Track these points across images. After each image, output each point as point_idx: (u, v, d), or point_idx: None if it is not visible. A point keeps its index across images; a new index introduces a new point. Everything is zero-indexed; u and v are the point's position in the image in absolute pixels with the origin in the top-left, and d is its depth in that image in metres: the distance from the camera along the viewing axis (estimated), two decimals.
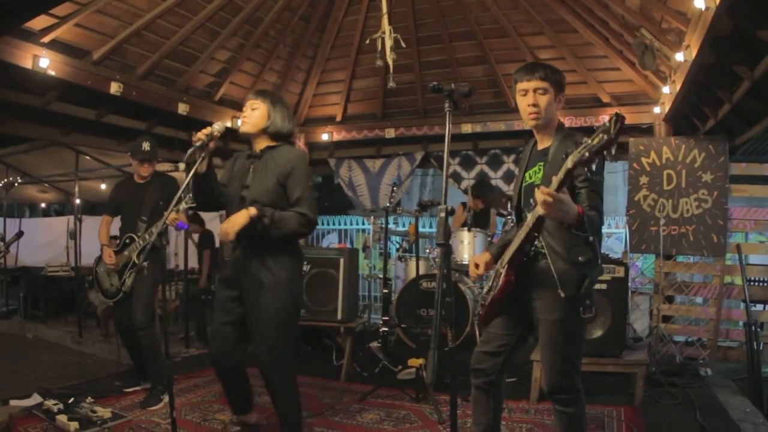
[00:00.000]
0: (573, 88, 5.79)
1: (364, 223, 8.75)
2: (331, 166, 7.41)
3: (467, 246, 5.40)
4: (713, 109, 4.72)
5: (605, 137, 1.77)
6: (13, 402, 3.68)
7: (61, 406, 3.45)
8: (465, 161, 6.85)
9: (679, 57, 4.05)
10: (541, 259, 2.28)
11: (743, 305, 4.83)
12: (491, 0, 5.57)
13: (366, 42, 5.33)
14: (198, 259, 6.36)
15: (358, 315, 5.43)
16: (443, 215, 2.04)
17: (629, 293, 4.65)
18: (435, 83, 2.17)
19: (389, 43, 4.60)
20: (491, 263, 2.54)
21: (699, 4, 3.25)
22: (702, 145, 5.20)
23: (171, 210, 2.78)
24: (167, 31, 5.02)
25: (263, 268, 2.73)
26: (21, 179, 8.29)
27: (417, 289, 5.15)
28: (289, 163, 2.76)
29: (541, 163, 2.34)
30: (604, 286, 3.87)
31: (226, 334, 2.84)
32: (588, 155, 1.82)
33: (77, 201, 7.01)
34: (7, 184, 4.24)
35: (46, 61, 4.19)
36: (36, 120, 5.28)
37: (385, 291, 4.87)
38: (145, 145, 4.04)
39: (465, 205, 6.11)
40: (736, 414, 3.63)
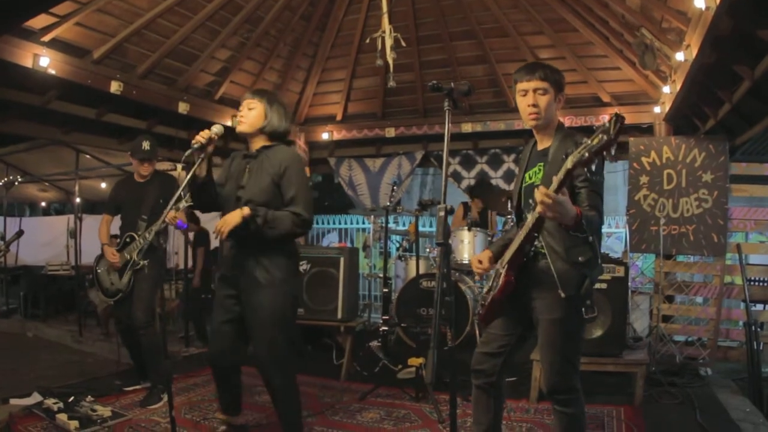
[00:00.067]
0: (573, 87, 5.79)
1: (364, 223, 8.75)
2: (332, 165, 7.41)
3: (467, 245, 5.40)
4: (713, 109, 4.72)
5: (605, 137, 1.78)
6: (13, 401, 3.68)
7: (61, 404, 3.44)
8: (465, 160, 6.84)
9: (680, 56, 4.05)
10: (541, 259, 2.28)
11: (743, 305, 4.83)
12: None
13: (366, 41, 5.32)
14: (192, 258, 6.37)
15: (358, 314, 5.43)
16: (442, 214, 2.04)
17: (629, 293, 4.65)
18: (435, 82, 2.17)
19: (389, 43, 4.60)
20: (492, 260, 2.54)
21: (699, 3, 3.25)
22: (702, 145, 5.20)
23: (170, 208, 2.78)
24: (167, 30, 5.01)
25: (259, 267, 2.74)
26: (21, 178, 8.36)
27: (417, 289, 5.15)
28: (284, 163, 2.77)
29: (541, 164, 2.34)
30: (604, 285, 3.87)
31: (225, 332, 2.84)
32: (588, 155, 1.82)
33: (77, 200, 7.01)
34: (8, 182, 4.24)
35: (46, 60, 4.19)
36: (36, 119, 5.28)
37: (385, 290, 4.86)
38: (145, 145, 4.04)
39: (465, 205, 6.11)
40: (736, 414, 3.63)
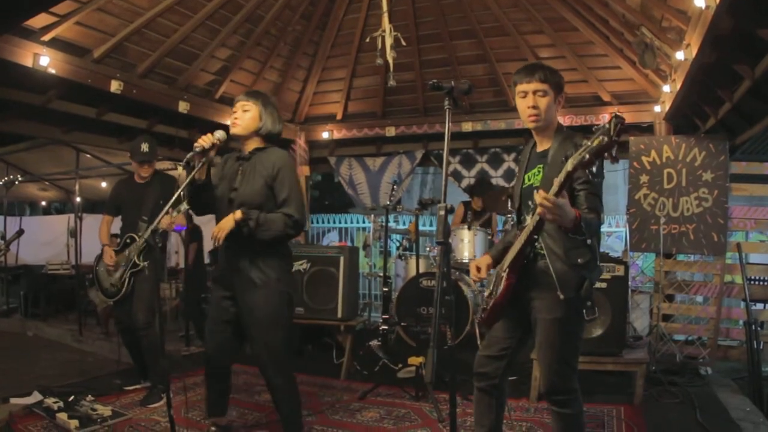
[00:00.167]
0: (573, 86, 5.79)
1: (364, 222, 8.75)
2: (332, 164, 7.41)
3: (467, 244, 5.40)
4: (714, 108, 4.71)
5: (605, 139, 1.77)
6: (14, 400, 3.68)
7: (62, 404, 3.45)
8: (465, 160, 6.84)
9: (680, 56, 4.05)
10: (540, 260, 2.27)
11: (743, 304, 4.83)
12: None
13: (366, 40, 5.32)
14: (185, 254, 6.37)
15: (358, 313, 5.42)
16: (443, 213, 2.04)
17: (629, 292, 4.65)
18: (435, 81, 2.17)
19: (389, 42, 4.60)
20: (491, 266, 2.54)
21: (699, 2, 3.24)
22: (702, 144, 5.20)
23: (164, 212, 2.76)
24: (168, 30, 5.01)
25: (254, 268, 2.77)
26: (21, 177, 8.37)
27: (417, 288, 5.15)
28: (276, 165, 2.79)
29: (541, 165, 2.34)
30: (604, 284, 3.86)
31: (221, 333, 2.87)
32: (588, 158, 1.81)
33: (78, 199, 7.01)
34: (8, 182, 4.24)
35: (46, 60, 4.19)
36: (36, 118, 5.28)
37: (385, 289, 4.86)
38: (144, 146, 4.03)
39: (466, 205, 6.11)
40: (736, 413, 3.63)
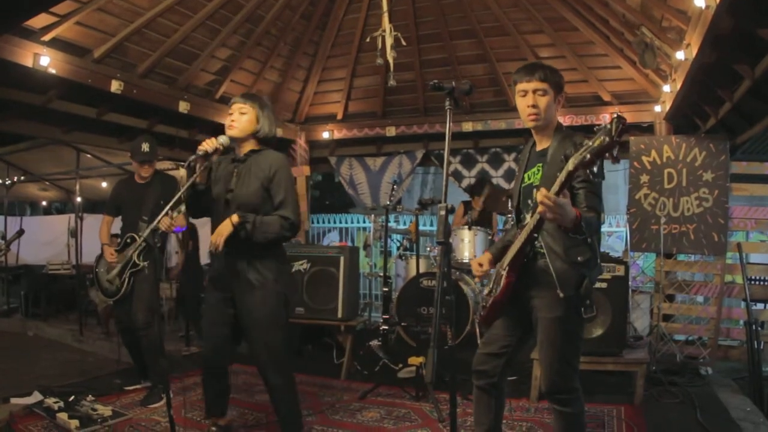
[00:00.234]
0: (574, 86, 5.79)
1: (364, 222, 8.74)
2: (332, 164, 7.41)
3: (468, 244, 5.40)
4: (714, 108, 4.71)
5: (606, 139, 1.77)
6: (14, 400, 3.68)
7: (62, 404, 3.45)
8: (466, 159, 6.84)
9: (680, 55, 4.05)
10: (540, 258, 2.27)
11: (744, 304, 4.83)
12: None
13: (366, 40, 5.32)
14: (184, 254, 6.39)
15: (358, 313, 5.42)
16: (443, 213, 2.04)
17: (630, 292, 4.64)
18: (436, 81, 2.17)
19: (390, 42, 4.60)
20: (491, 263, 2.53)
21: (699, 2, 3.24)
22: (703, 144, 5.20)
23: (164, 214, 2.78)
24: (168, 30, 5.01)
25: (251, 270, 2.79)
26: (22, 177, 8.37)
27: (417, 288, 5.15)
28: (273, 168, 2.82)
29: (540, 164, 2.34)
30: (604, 284, 3.86)
31: (218, 334, 2.89)
32: (589, 157, 1.81)
33: (78, 199, 7.01)
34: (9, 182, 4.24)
35: (46, 60, 4.19)
36: (37, 118, 5.27)
37: (386, 289, 4.86)
38: (144, 146, 4.03)
39: (466, 205, 6.11)
40: (736, 413, 3.63)
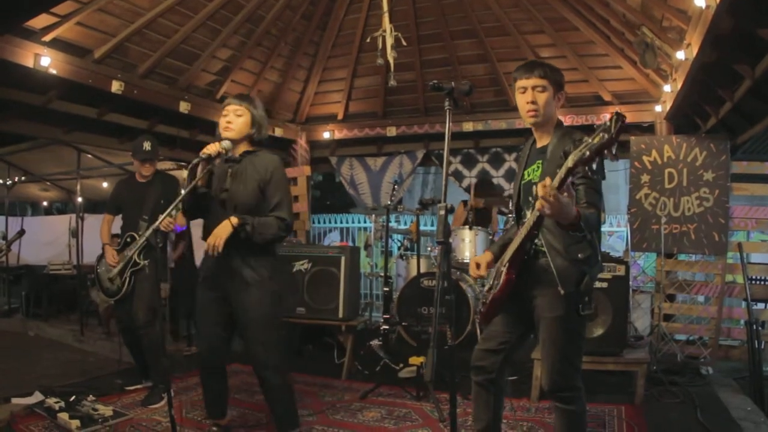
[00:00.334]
0: (574, 86, 5.79)
1: (365, 222, 8.74)
2: (333, 164, 7.42)
3: (468, 244, 5.39)
4: (714, 108, 4.71)
5: (605, 136, 1.77)
6: (15, 400, 3.68)
7: (63, 404, 3.45)
8: (466, 159, 6.84)
9: (680, 55, 4.05)
10: (541, 257, 2.28)
11: (744, 304, 4.82)
12: None
13: (367, 40, 5.32)
14: (179, 253, 6.39)
15: (359, 313, 5.42)
16: (443, 213, 2.04)
17: (630, 292, 4.64)
18: (435, 81, 2.17)
19: (390, 42, 4.61)
20: (492, 263, 2.54)
21: (699, 2, 3.25)
22: (703, 144, 5.20)
23: (166, 215, 2.79)
24: (168, 30, 5.02)
25: (246, 268, 2.81)
26: (23, 177, 8.38)
27: (418, 287, 5.15)
28: (270, 170, 2.85)
29: (540, 161, 2.35)
30: (605, 284, 3.85)
31: (214, 334, 2.91)
32: (589, 154, 1.82)
33: (79, 199, 7.01)
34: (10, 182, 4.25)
35: (47, 60, 4.19)
36: (37, 118, 5.28)
37: (386, 289, 4.86)
38: (146, 145, 4.04)
39: (466, 204, 6.10)
40: (737, 413, 3.62)
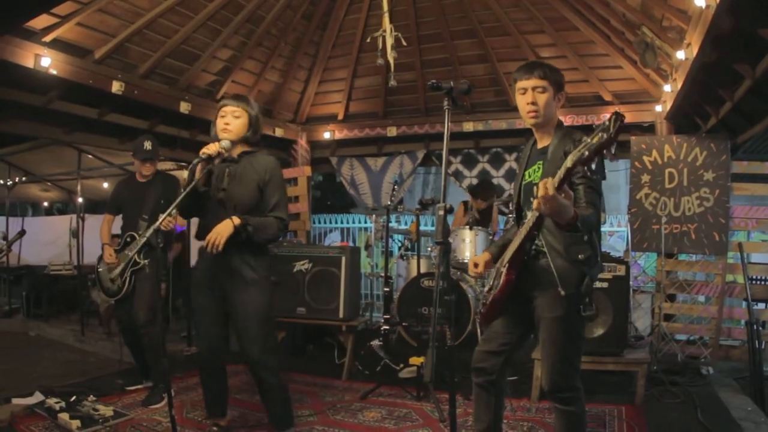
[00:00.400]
0: (574, 86, 5.80)
1: (366, 222, 8.74)
2: (333, 164, 7.42)
3: (468, 244, 5.39)
4: (715, 108, 4.71)
5: (604, 136, 1.77)
6: (15, 400, 3.68)
7: (63, 404, 3.44)
8: (467, 159, 6.85)
9: (680, 55, 4.05)
10: (541, 258, 2.27)
11: (745, 304, 4.81)
12: None
13: (367, 40, 5.33)
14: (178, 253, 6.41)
15: (359, 313, 5.42)
16: (442, 213, 2.04)
17: (631, 292, 4.64)
18: (434, 81, 2.18)
19: (390, 42, 4.61)
20: (490, 263, 2.54)
21: (700, 2, 3.25)
22: (704, 144, 5.19)
23: (167, 214, 2.80)
24: (169, 30, 5.03)
25: (245, 266, 2.84)
26: (23, 178, 8.39)
27: (418, 288, 5.15)
28: (268, 170, 2.89)
29: (541, 162, 2.34)
30: (605, 284, 3.85)
31: (213, 334, 2.94)
32: (587, 154, 1.81)
33: (80, 199, 7.01)
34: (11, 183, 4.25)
35: (47, 60, 4.20)
36: (38, 119, 5.29)
37: (387, 289, 4.86)
38: (147, 145, 4.04)
39: (466, 204, 6.10)
40: (737, 413, 3.62)
